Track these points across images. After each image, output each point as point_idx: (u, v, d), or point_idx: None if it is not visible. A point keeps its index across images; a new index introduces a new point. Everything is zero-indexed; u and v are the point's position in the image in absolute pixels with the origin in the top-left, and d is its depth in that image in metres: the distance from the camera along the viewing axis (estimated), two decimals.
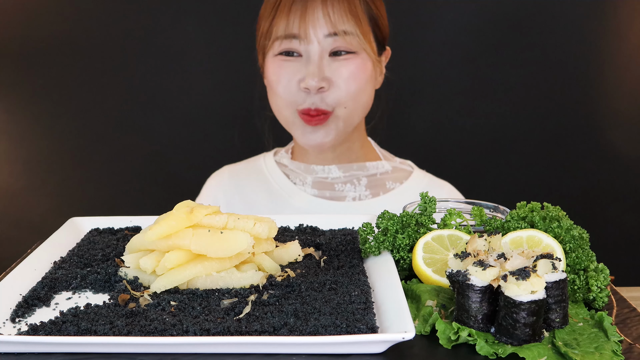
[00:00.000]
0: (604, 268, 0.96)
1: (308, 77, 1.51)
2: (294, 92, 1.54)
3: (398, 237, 1.03)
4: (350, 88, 1.53)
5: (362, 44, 1.52)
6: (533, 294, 0.81)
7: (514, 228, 1.02)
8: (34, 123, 2.40)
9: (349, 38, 1.51)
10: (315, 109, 1.53)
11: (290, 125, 1.60)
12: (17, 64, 2.35)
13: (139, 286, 0.96)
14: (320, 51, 1.51)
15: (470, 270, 0.85)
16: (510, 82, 2.37)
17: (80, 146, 2.42)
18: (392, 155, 1.76)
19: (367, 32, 1.53)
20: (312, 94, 1.52)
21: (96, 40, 2.34)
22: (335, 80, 1.52)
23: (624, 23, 2.32)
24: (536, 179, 2.43)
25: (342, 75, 1.52)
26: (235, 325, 0.83)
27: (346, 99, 1.54)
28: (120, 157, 2.44)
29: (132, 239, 1.02)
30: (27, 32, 2.32)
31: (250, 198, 1.69)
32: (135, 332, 0.82)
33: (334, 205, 1.63)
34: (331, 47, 1.52)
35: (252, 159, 1.78)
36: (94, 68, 2.36)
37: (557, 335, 0.84)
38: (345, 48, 1.52)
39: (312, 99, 1.53)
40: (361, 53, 1.53)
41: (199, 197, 1.77)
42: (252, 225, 0.99)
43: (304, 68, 1.52)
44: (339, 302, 0.90)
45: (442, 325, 0.84)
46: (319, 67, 1.51)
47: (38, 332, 0.84)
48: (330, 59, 1.52)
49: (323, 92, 1.52)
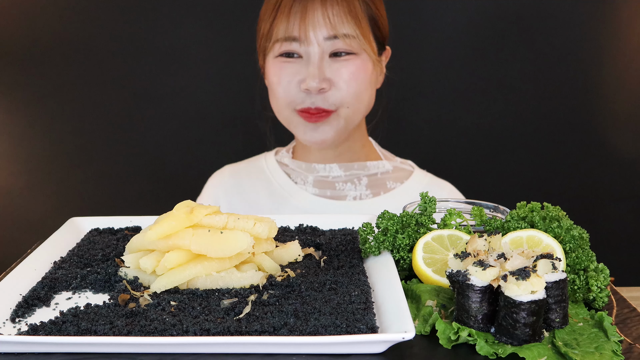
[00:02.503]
0: (604, 268, 0.95)
1: (308, 78, 1.51)
2: (294, 92, 1.54)
3: (398, 237, 1.03)
4: (351, 89, 1.53)
5: (362, 45, 1.52)
6: (533, 294, 0.80)
7: (514, 228, 1.02)
8: (34, 123, 2.40)
9: (348, 40, 1.51)
10: (315, 107, 1.53)
11: (291, 124, 1.61)
12: (17, 64, 2.34)
13: (139, 286, 0.96)
14: (320, 53, 1.52)
15: (470, 270, 0.85)
16: (509, 82, 2.37)
17: (81, 146, 2.42)
18: (392, 155, 1.76)
19: (367, 33, 1.53)
20: (312, 94, 1.52)
21: (97, 40, 2.34)
22: (336, 81, 1.53)
23: (625, 23, 2.32)
24: (536, 179, 2.43)
25: (343, 76, 1.53)
26: (235, 325, 0.83)
27: (348, 99, 1.54)
28: (120, 157, 2.44)
29: (132, 239, 1.02)
30: (27, 32, 2.32)
31: (251, 197, 1.70)
32: (135, 332, 0.82)
33: (334, 204, 1.63)
34: (331, 49, 1.52)
35: (253, 158, 1.79)
36: (94, 68, 2.36)
37: (557, 335, 0.84)
38: (346, 49, 1.52)
39: (312, 99, 1.53)
40: (361, 54, 1.54)
41: (200, 196, 1.77)
42: (252, 225, 0.99)
43: (304, 69, 1.52)
44: (339, 302, 0.90)
45: (442, 325, 0.84)
46: (319, 69, 1.51)
47: (38, 332, 0.84)
48: (331, 60, 1.53)
49: (324, 93, 1.53)
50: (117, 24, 2.34)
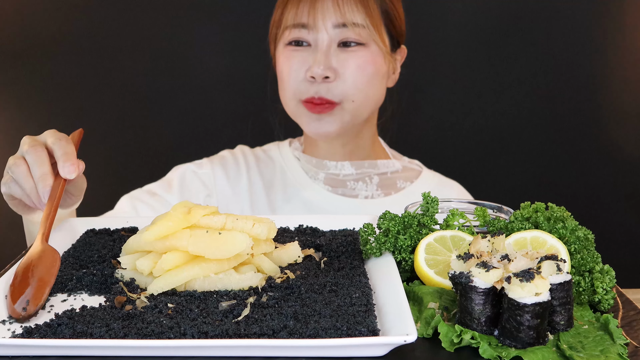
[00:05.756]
0: (609, 269, 0.95)
1: (314, 65, 1.51)
2: (300, 81, 1.54)
3: (400, 238, 1.03)
4: (358, 80, 1.53)
5: (372, 36, 1.52)
6: (537, 296, 0.80)
7: (517, 229, 1.02)
8: (30, 121, 2.38)
9: (358, 29, 1.51)
10: (319, 97, 1.53)
11: (296, 116, 1.61)
12: (12, 62, 2.33)
13: (135, 288, 0.95)
14: (328, 40, 1.52)
15: (473, 272, 0.84)
16: (514, 82, 2.37)
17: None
18: (400, 154, 1.77)
19: (379, 25, 1.53)
20: (317, 82, 1.52)
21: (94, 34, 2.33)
22: (342, 72, 1.52)
23: (630, 21, 2.32)
24: (541, 179, 2.42)
25: (350, 66, 1.52)
26: (234, 328, 0.83)
27: (353, 91, 1.53)
28: (117, 157, 2.43)
29: (128, 240, 1.01)
30: (23, 30, 2.31)
31: (266, 178, 1.69)
32: (131, 334, 0.81)
33: (346, 201, 1.63)
34: (340, 38, 1.51)
35: (266, 147, 1.78)
36: (90, 64, 2.35)
37: (561, 338, 0.84)
38: (355, 39, 1.52)
39: (316, 88, 1.52)
40: (371, 45, 1.53)
41: (210, 157, 1.74)
42: (251, 226, 0.98)
43: (312, 57, 1.53)
44: (339, 305, 0.89)
45: (444, 327, 0.84)
46: (325, 56, 1.51)
47: (32, 334, 0.83)
48: (339, 50, 1.53)
49: (329, 83, 1.52)
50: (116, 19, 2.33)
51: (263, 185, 1.67)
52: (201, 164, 1.70)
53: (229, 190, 1.66)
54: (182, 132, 2.42)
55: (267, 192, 1.66)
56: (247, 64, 2.30)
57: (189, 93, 2.39)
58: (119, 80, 2.38)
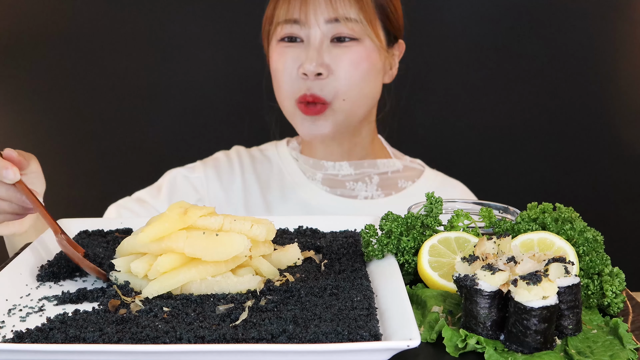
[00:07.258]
0: (619, 272, 0.94)
1: (306, 61, 1.50)
2: (294, 79, 1.53)
3: (402, 240, 1.02)
4: (351, 77, 1.52)
5: (365, 31, 1.51)
6: (545, 299, 0.80)
7: (524, 230, 1.01)
8: (21, 120, 2.37)
9: (351, 24, 1.50)
10: (311, 94, 1.51)
11: (291, 116, 1.60)
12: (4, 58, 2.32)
13: (130, 291, 0.95)
14: (321, 36, 1.51)
15: (478, 275, 0.84)
16: (521, 78, 2.36)
17: (69, 144, 2.39)
18: (401, 153, 1.76)
19: (373, 20, 1.52)
20: (309, 79, 1.50)
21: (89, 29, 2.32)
22: (335, 69, 1.51)
23: (638, 18, 2.31)
24: (548, 179, 2.41)
25: (343, 62, 1.51)
26: (232, 332, 0.82)
27: (346, 89, 1.52)
28: (110, 156, 2.42)
29: (123, 241, 1.00)
30: (16, 26, 2.31)
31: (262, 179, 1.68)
32: (126, 339, 0.81)
33: (345, 202, 1.62)
34: (332, 33, 1.51)
35: (263, 146, 1.77)
36: (85, 60, 2.34)
37: (570, 343, 0.84)
38: (348, 34, 1.51)
39: (308, 85, 1.51)
40: (365, 40, 1.52)
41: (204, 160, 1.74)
42: (249, 227, 0.97)
43: (304, 54, 1.51)
44: (340, 308, 0.88)
45: (449, 332, 0.83)
46: (318, 52, 1.50)
47: (24, 339, 0.82)
48: (332, 45, 1.52)
49: (321, 80, 1.51)
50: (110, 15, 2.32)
51: (259, 186, 1.67)
52: (194, 168, 1.70)
53: (222, 194, 1.66)
54: (179, 131, 2.41)
55: (263, 192, 1.66)
56: (244, 62, 2.29)
57: (185, 91, 2.39)
58: (113, 79, 2.37)
